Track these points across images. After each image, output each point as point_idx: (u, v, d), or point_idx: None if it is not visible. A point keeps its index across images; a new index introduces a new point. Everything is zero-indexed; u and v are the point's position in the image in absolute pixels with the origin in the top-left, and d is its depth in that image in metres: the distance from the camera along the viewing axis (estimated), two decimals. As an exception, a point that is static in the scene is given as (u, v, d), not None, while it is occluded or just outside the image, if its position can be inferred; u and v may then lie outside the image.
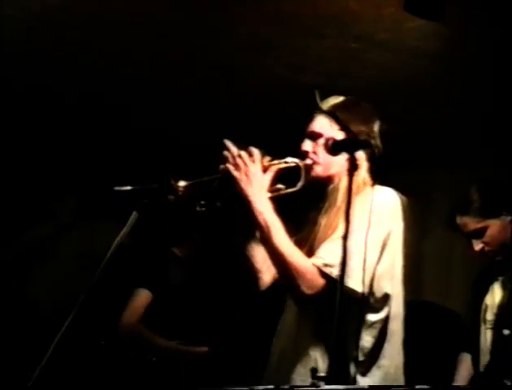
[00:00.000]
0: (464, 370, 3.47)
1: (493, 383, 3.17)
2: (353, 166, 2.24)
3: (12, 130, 4.52)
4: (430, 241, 5.75)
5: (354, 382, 2.37)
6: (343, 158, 2.41)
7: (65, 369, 4.07)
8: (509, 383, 3.02)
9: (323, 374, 2.06)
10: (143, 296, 3.73)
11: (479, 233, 3.34)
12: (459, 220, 3.37)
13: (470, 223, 3.34)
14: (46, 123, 4.84)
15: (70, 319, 2.43)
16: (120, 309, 3.79)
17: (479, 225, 3.32)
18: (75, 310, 2.42)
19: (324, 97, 2.61)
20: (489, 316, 3.38)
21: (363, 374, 2.42)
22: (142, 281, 3.77)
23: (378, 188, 2.50)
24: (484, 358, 3.32)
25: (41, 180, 4.65)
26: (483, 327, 3.39)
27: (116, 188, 2.34)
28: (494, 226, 3.32)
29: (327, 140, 2.39)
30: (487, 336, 3.35)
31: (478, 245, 3.36)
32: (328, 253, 2.38)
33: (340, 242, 2.28)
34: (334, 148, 2.35)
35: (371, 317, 2.45)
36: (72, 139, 5.05)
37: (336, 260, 2.30)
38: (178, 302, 3.70)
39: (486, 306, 3.41)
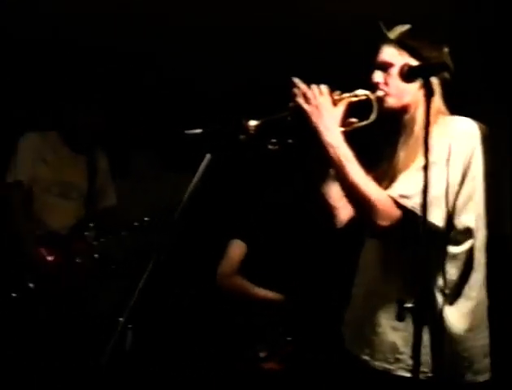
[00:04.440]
0: None
1: None
2: (429, 92, 2.15)
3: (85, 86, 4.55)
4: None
5: (441, 312, 2.33)
6: (415, 86, 2.39)
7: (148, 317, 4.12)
8: None
9: (410, 305, 2.04)
10: (238, 247, 3.73)
11: None
12: None
13: None
14: (119, 79, 4.89)
15: (149, 269, 2.44)
16: (211, 259, 3.79)
17: None
18: (155, 259, 2.43)
19: (389, 27, 2.53)
20: None
21: (451, 304, 2.38)
22: (236, 232, 3.76)
23: (456, 117, 2.44)
24: None
25: (115, 136, 4.70)
26: None
27: (187, 132, 2.33)
28: None
29: (402, 67, 2.31)
30: None
31: None
32: (404, 185, 2.34)
33: (416, 173, 2.28)
34: (409, 74, 2.27)
35: (454, 249, 2.40)
36: (142, 90, 5.09)
37: (411, 191, 2.28)
38: (272, 251, 3.69)
39: None
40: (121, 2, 4.22)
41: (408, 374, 2.34)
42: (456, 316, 2.39)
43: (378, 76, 2.50)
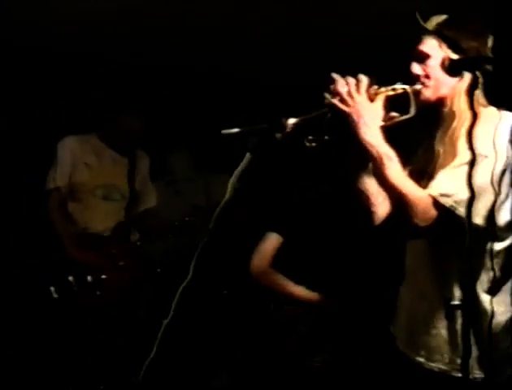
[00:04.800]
0: None
1: None
2: (474, 86, 2.10)
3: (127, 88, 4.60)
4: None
5: (492, 310, 2.31)
6: (454, 78, 2.33)
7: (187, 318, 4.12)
8: None
9: (457, 303, 2.01)
10: (273, 240, 3.71)
11: None
12: None
13: None
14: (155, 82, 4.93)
15: (191, 270, 2.44)
16: (244, 257, 3.78)
17: None
18: (195, 260, 2.42)
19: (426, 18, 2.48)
20: None
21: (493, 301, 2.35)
22: (271, 225, 3.74)
23: (503, 113, 2.39)
24: None
25: (153, 137, 4.72)
26: None
27: (224, 132, 2.32)
28: None
29: (444, 60, 2.27)
30: None
31: None
32: (444, 182, 2.31)
33: (456, 170, 2.25)
34: (453, 68, 2.22)
35: (496, 246, 2.37)
36: (177, 93, 5.12)
37: (452, 189, 2.25)
38: (307, 245, 3.66)
39: None
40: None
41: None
42: (498, 313, 2.36)
43: (417, 69, 2.45)
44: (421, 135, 2.53)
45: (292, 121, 2.31)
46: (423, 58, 2.44)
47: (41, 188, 4.41)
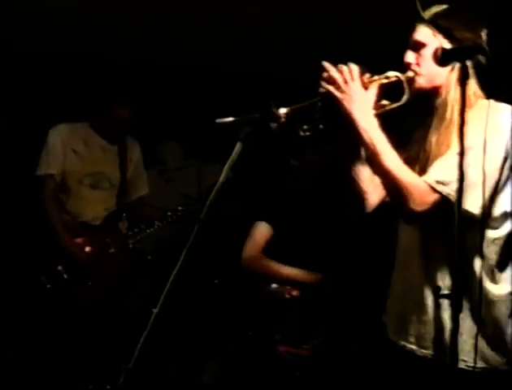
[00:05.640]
0: None
1: None
2: (464, 76, 2.10)
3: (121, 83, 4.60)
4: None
5: (480, 297, 2.29)
6: (447, 68, 2.33)
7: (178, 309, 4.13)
8: None
9: (446, 292, 2.01)
10: (263, 229, 3.70)
11: None
12: None
13: None
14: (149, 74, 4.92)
15: (182, 259, 2.44)
16: (236, 246, 3.77)
17: None
18: (187, 248, 2.42)
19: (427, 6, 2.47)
20: None
21: (491, 289, 2.34)
22: (262, 214, 3.73)
23: (493, 102, 2.37)
24: None
25: (144, 126, 4.70)
26: None
27: (218, 121, 2.32)
28: None
29: (436, 50, 2.26)
30: None
31: None
32: (441, 170, 2.29)
33: (453, 159, 2.20)
34: (444, 57, 2.21)
35: (492, 234, 2.36)
36: (168, 82, 5.12)
37: (448, 177, 2.24)
38: (298, 233, 3.66)
39: None
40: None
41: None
42: (496, 301, 2.36)
43: (409, 57, 2.44)
44: (415, 124, 2.52)
45: (283, 110, 2.32)
46: (418, 46, 2.43)
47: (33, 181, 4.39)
